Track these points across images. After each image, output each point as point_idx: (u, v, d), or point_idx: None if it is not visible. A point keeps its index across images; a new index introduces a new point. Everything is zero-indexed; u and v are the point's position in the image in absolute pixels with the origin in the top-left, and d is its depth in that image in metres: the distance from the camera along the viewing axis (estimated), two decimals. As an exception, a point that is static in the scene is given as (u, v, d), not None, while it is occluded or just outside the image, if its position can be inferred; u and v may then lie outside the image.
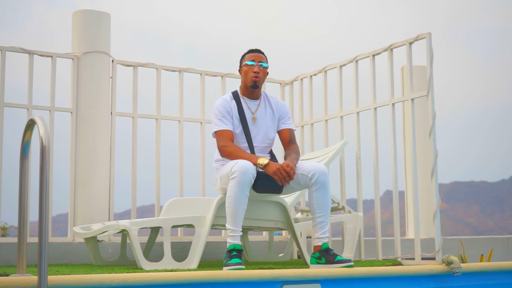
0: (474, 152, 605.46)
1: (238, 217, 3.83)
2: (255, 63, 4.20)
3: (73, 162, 4.83)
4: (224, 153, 4.06)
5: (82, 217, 4.76)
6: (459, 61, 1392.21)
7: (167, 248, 3.96)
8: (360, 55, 4.96)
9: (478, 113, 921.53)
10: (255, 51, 4.27)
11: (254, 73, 4.19)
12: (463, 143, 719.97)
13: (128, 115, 5.08)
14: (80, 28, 4.95)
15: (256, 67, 4.20)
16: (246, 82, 4.22)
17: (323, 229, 3.95)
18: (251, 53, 4.27)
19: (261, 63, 4.22)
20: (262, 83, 4.25)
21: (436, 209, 4.25)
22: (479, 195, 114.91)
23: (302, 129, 5.61)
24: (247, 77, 4.21)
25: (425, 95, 4.40)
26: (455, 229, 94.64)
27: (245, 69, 4.22)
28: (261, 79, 4.22)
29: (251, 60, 4.22)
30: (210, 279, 3.35)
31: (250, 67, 4.20)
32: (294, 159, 4.04)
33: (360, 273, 3.81)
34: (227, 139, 4.09)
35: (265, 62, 4.24)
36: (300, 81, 5.64)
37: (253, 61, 4.21)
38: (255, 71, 4.19)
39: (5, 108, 4.62)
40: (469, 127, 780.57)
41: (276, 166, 3.88)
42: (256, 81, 4.19)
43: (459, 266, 4.09)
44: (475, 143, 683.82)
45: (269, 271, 3.54)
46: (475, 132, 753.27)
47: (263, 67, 4.22)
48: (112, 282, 3.10)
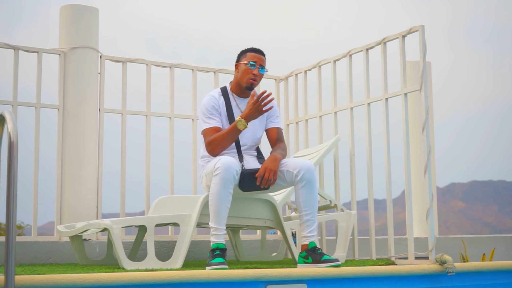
0: (493, 151, 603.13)
1: (222, 215, 3.72)
2: (256, 66, 4.05)
3: (60, 160, 4.74)
4: (209, 146, 3.92)
5: (69, 215, 4.66)
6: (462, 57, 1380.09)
7: (150, 247, 3.85)
8: (354, 49, 4.84)
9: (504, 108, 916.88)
10: (258, 52, 4.09)
11: (253, 75, 4.03)
12: (485, 142, 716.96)
13: (117, 112, 4.98)
14: (67, 23, 4.86)
15: (256, 70, 4.04)
16: (242, 82, 4.07)
17: (310, 227, 3.83)
18: (254, 53, 4.08)
19: (261, 66, 4.06)
20: (256, 86, 4.14)
21: (429, 206, 4.12)
22: (497, 195, 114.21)
23: (296, 126, 5.49)
24: (244, 77, 4.05)
25: (418, 90, 4.25)
26: (474, 229, 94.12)
27: (244, 68, 4.05)
28: (258, 82, 4.09)
29: (253, 61, 4.04)
30: (189, 279, 3.24)
31: (250, 68, 4.04)
32: (279, 154, 3.92)
33: (348, 273, 3.69)
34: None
35: (265, 67, 4.09)
36: (295, 76, 5.53)
37: (254, 63, 4.04)
38: (254, 73, 4.04)
39: (-10, 105, 4.55)
40: (491, 126, 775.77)
41: (248, 109, 3.81)
42: (253, 84, 4.05)
43: (453, 265, 3.96)
44: (500, 142, 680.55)
45: (252, 270, 3.43)
46: (500, 132, 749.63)
47: (262, 71, 4.07)
48: (84, 282, 2.99)
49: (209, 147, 3.94)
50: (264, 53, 4.11)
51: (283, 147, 4.06)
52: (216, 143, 3.90)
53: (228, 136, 3.90)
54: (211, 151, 3.94)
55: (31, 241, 4.53)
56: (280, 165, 3.93)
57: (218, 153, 3.91)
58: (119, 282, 3.07)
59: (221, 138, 3.90)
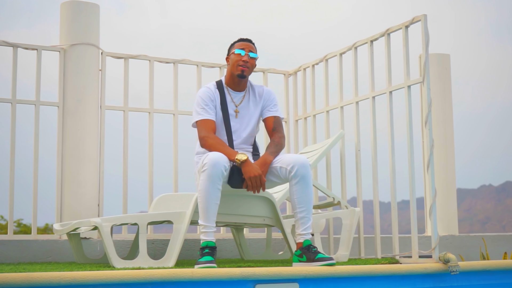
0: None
1: (210, 212, 3.61)
2: (245, 52, 3.95)
3: (60, 158, 4.70)
4: (205, 144, 3.83)
5: (69, 214, 4.62)
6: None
7: (142, 245, 3.77)
8: (359, 42, 4.70)
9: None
10: (245, 40, 4.02)
11: (243, 62, 3.93)
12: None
13: (118, 109, 4.92)
14: (68, 20, 4.81)
15: (245, 56, 3.94)
16: (233, 71, 3.97)
17: (305, 225, 3.70)
18: (241, 41, 4.01)
19: (251, 52, 3.97)
20: (249, 74, 4.00)
21: (432, 203, 3.95)
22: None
23: (305, 121, 5.36)
24: (235, 66, 3.95)
25: (421, 82, 4.09)
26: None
27: (234, 58, 3.96)
28: (249, 70, 3.97)
29: (240, 48, 3.96)
30: (171, 278, 3.14)
31: (239, 55, 3.94)
32: (271, 153, 3.80)
33: (343, 272, 3.54)
34: (209, 130, 3.87)
35: (255, 53, 3.99)
36: (303, 71, 5.40)
37: (242, 50, 3.95)
38: (244, 59, 3.93)
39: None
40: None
41: (252, 172, 3.66)
42: (244, 70, 3.94)
43: (457, 264, 3.79)
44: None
45: (239, 269, 3.31)
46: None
47: (252, 57, 3.97)
48: (61, 281, 2.92)
49: (203, 146, 3.86)
50: (252, 41, 4.02)
51: (277, 141, 3.92)
52: (211, 149, 3.78)
53: (224, 153, 3.74)
54: (202, 147, 3.87)
55: (30, 239, 4.50)
56: (274, 161, 3.81)
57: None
58: (95, 280, 2.98)
59: (217, 148, 3.77)
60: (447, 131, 6.11)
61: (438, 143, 6.12)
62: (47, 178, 4.70)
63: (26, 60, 4.68)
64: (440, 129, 6.11)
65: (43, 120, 4.67)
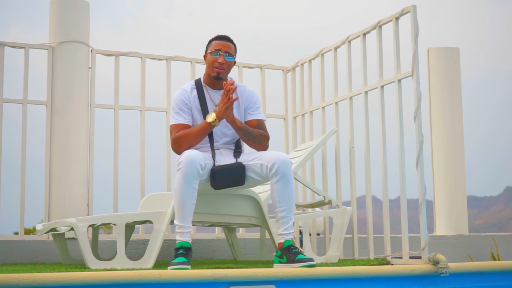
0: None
1: (186, 212, 3.50)
2: (220, 53, 3.78)
3: (48, 157, 4.64)
4: (175, 143, 3.70)
5: (58, 213, 4.56)
6: None
7: (120, 246, 3.68)
8: (352, 35, 4.54)
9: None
10: (223, 39, 3.82)
11: (218, 64, 3.76)
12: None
13: (109, 107, 4.84)
14: (57, 17, 4.75)
15: (221, 57, 3.77)
16: (209, 72, 3.82)
17: (286, 224, 3.56)
18: (219, 40, 3.82)
19: (227, 53, 3.79)
20: (227, 75, 3.83)
21: (421, 201, 3.78)
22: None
23: (302, 118, 5.22)
24: (210, 67, 3.79)
25: (410, 75, 3.92)
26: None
27: (209, 58, 3.81)
28: (226, 71, 3.80)
29: (217, 48, 3.78)
30: (137, 280, 3.03)
31: (214, 57, 3.78)
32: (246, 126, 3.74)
33: (323, 273, 3.41)
34: None
35: (232, 53, 3.80)
36: (301, 66, 5.26)
37: (219, 51, 3.78)
38: (219, 61, 3.77)
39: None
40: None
41: (219, 110, 3.63)
42: (219, 72, 3.78)
43: (446, 265, 3.62)
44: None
45: (210, 271, 3.20)
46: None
47: (229, 58, 3.80)
48: (19, 283, 2.84)
49: (175, 144, 3.71)
50: (231, 40, 3.84)
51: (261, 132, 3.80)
52: (183, 140, 3.67)
53: (198, 133, 3.67)
54: (177, 148, 3.70)
55: (17, 240, 4.45)
56: (255, 158, 3.69)
57: (184, 150, 3.65)
58: (58, 282, 2.90)
59: (190, 135, 3.67)
60: (456, 128, 5.92)
61: (446, 140, 5.93)
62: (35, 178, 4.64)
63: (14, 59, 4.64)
64: (448, 125, 5.92)
65: (30, 119, 4.62)
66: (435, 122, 5.98)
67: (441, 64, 6.03)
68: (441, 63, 6.04)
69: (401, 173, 3.97)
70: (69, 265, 3.97)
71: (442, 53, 6.04)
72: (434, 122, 6.00)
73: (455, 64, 6.06)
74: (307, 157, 4.40)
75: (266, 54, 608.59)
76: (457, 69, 6.09)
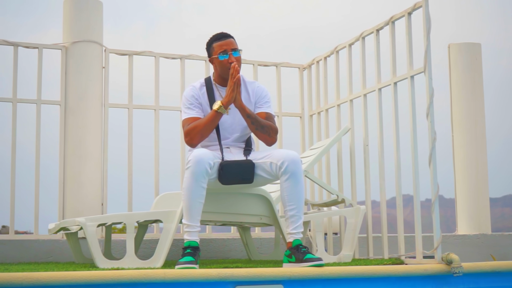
0: None
1: (194, 211, 3.48)
2: (228, 53, 3.73)
3: (62, 157, 4.66)
4: (187, 136, 3.66)
5: (72, 213, 4.57)
6: None
7: (129, 245, 3.68)
8: (366, 31, 4.48)
9: None
10: (223, 38, 3.78)
11: (230, 65, 3.69)
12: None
13: (122, 106, 4.84)
14: (70, 17, 4.77)
15: (230, 57, 3.72)
16: (224, 74, 3.76)
17: (295, 223, 3.52)
18: (219, 41, 3.77)
19: (233, 50, 3.75)
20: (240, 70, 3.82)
21: (434, 200, 3.71)
22: None
23: (318, 116, 5.17)
24: (224, 70, 3.74)
25: (422, 72, 3.84)
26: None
27: (218, 62, 3.75)
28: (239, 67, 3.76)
29: (222, 50, 3.74)
30: (141, 279, 3.02)
31: (224, 60, 3.73)
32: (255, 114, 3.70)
33: (332, 273, 3.35)
34: None
35: (237, 48, 3.77)
36: (316, 64, 5.21)
37: (225, 51, 3.74)
38: (231, 61, 3.71)
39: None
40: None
41: (227, 96, 3.61)
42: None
43: (460, 265, 3.54)
44: None
45: (216, 270, 3.17)
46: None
47: (237, 54, 3.75)
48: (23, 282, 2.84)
49: (188, 136, 3.67)
50: (229, 35, 3.80)
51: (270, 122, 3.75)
52: (195, 131, 3.64)
53: (207, 122, 3.64)
54: (190, 141, 3.66)
55: (32, 239, 4.47)
56: (265, 157, 3.66)
57: (197, 142, 3.64)
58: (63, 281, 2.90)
59: (200, 126, 3.64)
60: (478, 125, 5.82)
61: (467, 137, 5.83)
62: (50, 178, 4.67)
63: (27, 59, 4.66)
64: (469, 122, 5.82)
65: (44, 119, 4.65)
66: (456, 120, 5.88)
67: (462, 60, 5.93)
68: (462, 59, 5.93)
69: (414, 171, 3.89)
70: (81, 264, 3.97)
71: (463, 49, 5.94)
72: (455, 120, 5.90)
73: (476, 60, 5.95)
74: (319, 156, 4.35)
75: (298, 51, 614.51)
76: (479, 65, 5.98)
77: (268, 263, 3.97)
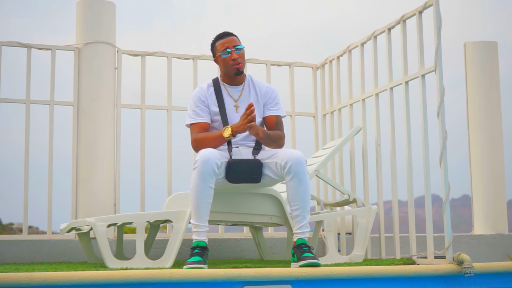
0: None
1: (202, 211, 3.48)
2: (230, 50, 3.76)
3: (75, 157, 4.69)
4: (194, 143, 3.72)
5: (84, 213, 4.59)
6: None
7: (139, 245, 3.69)
8: (377, 30, 4.45)
9: None
10: (225, 36, 3.81)
11: (233, 61, 3.75)
12: None
13: (135, 107, 4.86)
14: (83, 18, 4.79)
15: (233, 53, 3.75)
16: (228, 72, 3.80)
17: (300, 223, 3.51)
18: (222, 39, 3.81)
19: (236, 47, 3.77)
20: (244, 67, 3.84)
21: (445, 199, 3.67)
22: None
23: (331, 116, 5.15)
24: (228, 67, 3.78)
25: (433, 70, 3.81)
26: None
27: (222, 59, 3.79)
28: (243, 64, 3.79)
29: (224, 48, 3.77)
30: (148, 279, 3.03)
31: (227, 57, 3.76)
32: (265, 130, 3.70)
33: (341, 273, 3.34)
34: (201, 132, 3.76)
35: (240, 44, 3.79)
36: (329, 63, 5.19)
37: (227, 49, 3.76)
38: (233, 58, 3.75)
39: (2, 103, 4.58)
40: None
41: (239, 125, 3.59)
42: (238, 68, 3.77)
43: (471, 265, 3.50)
44: None
45: (223, 270, 3.17)
46: None
47: (240, 50, 3.78)
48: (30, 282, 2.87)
49: (194, 144, 3.74)
50: (231, 33, 3.83)
51: (277, 132, 3.78)
52: (202, 144, 3.68)
53: (215, 141, 3.69)
54: (196, 149, 3.73)
55: (45, 239, 4.50)
56: (271, 156, 3.66)
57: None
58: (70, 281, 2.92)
59: (207, 141, 3.68)
60: (494, 124, 5.75)
61: (484, 136, 5.77)
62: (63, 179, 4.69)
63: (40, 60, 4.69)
64: (486, 121, 5.75)
65: (57, 120, 4.68)
66: (472, 119, 5.82)
67: (478, 59, 5.86)
68: (478, 57, 5.87)
69: (425, 170, 3.87)
70: (92, 264, 3.99)
71: (479, 48, 5.87)
72: (471, 119, 5.84)
73: (493, 59, 5.89)
74: (330, 155, 4.33)
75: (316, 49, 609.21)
76: (495, 64, 5.91)
77: (278, 263, 3.96)
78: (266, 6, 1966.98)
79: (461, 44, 6.05)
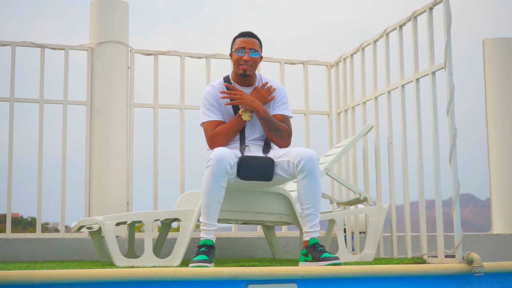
0: None
1: (212, 210, 3.48)
2: (245, 50, 3.74)
3: (88, 156, 4.72)
4: (212, 140, 3.69)
5: (97, 212, 4.62)
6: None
7: (147, 244, 3.70)
8: (389, 27, 4.41)
9: None
10: (246, 36, 3.78)
11: (243, 61, 3.72)
12: None
13: (148, 106, 4.88)
14: (96, 18, 4.83)
15: (246, 54, 3.72)
16: (236, 70, 3.79)
17: (311, 222, 3.50)
18: (242, 37, 3.79)
19: (252, 50, 3.74)
20: (254, 71, 3.79)
21: (454, 198, 3.63)
22: None
23: (345, 114, 5.11)
24: (236, 65, 3.77)
25: (443, 67, 3.76)
26: None
27: (234, 56, 3.78)
28: (252, 68, 3.75)
29: (240, 47, 3.75)
30: (152, 277, 3.02)
31: (239, 55, 3.74)
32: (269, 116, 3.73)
33: (347, 272, 3.30)
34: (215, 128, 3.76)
35: (256, 49, 3.75)
36: (343, 61, 5.16)
37: (242, 49, 3.74)
38: (245, 59, 3.72)
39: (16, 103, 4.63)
40: None
41: (250, 100, 3.70)
42: (245, 70, 3.74)
43: (481, 265, 3.45)
44: None
45: (228, 268, 3.16)
46: None
47: (254, 54, 3.75)
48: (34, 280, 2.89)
49: (211, 140, 3.70)
50: (254, 35, 3.78)
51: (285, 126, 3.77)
52: (221, 137, 3.68)
53: (233, 127, 3.70)
54: (213, 145, 3.69)
55: (58, 237, 4.54)
56: (283, 155, 3.65)
57: (223, 146, 3.68)
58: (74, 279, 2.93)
59: (226, 131, 3.69)
60: (514, 122, 5.67)
61: (503, 134, 5.70)
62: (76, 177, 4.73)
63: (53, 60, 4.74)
64: (505, 119, 5.68)
65: (71, 120, 4.72)
66: (491, 116, 5.75)
67: (497, 56, 5.79)
68: (497, 54, 5.80)
69: (435, 168, 3.82)
70: (103, 262, 4.02)
71: (497, 44, 5.81)
72: (489, 116, 5.77)
73: (507, 55, 5.81)
74: (341, 154, 4.31)
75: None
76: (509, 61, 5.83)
77: (287, 262, 3.94)
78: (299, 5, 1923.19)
79: (479, 41, 5.99)
